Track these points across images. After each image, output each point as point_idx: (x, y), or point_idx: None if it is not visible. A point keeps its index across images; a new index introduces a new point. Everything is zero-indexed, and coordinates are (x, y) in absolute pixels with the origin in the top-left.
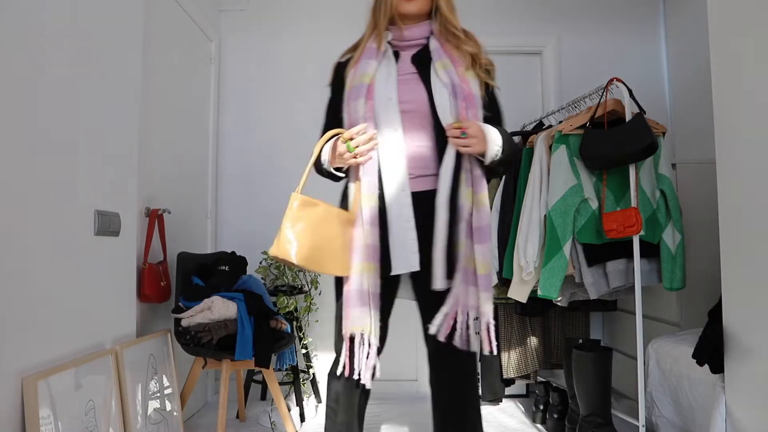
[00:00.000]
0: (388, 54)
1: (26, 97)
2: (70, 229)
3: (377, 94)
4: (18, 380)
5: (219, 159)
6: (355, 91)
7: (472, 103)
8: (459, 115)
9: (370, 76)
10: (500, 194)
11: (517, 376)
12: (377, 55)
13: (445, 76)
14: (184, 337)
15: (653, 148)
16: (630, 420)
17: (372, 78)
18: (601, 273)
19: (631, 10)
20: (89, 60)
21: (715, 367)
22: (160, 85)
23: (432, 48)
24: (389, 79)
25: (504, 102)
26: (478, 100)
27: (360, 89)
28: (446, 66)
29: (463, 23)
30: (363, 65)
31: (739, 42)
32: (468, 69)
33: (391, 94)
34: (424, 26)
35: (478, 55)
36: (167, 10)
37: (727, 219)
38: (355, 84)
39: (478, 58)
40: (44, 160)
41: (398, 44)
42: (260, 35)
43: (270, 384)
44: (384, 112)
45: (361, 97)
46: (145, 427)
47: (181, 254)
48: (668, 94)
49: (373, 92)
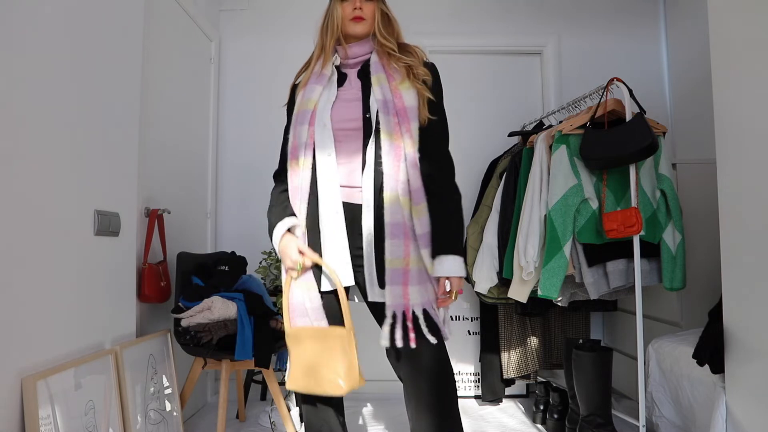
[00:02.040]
0: (332, 78)
1: (26, 97)
2: (70, 229)
3: (317, 119)
4: (18, 380)
5: (219, 159)
6: (300, 116)
7: (405, 117)
8: (392, 131)
9: (313, 102)
10: (500, 194)
11: (517, 376)
12: (322, 80)
13: (379, 92)
14: (183, 337)
15: (653, 148)
16: (630, 420)
17: (315, 104)
18: (602, 273)
19: (631, 10)
20: (89, 60)
21: (716, 367)
22: (160, 85)
23: (371, 62)
24: (326, 105)
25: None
26: (412, 113)
27: (305, 115)
28: (380, 81)
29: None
30: (309, 90)
31: (739, 42)
32: (403, 81)
33: (326, 120)
34: (366, 43)
35: (413, 66)
36: (167, 10)
37: (727, 219)
38: (301, 109)
39: (413, 70)
40: (44, 160)
41: (345, 62)
42: (260, 35)
43: (270, 384)
44: (320, 137)
45: (305, 123)
46: (144, 427)
47: (180, 254)
48: (668, 94)
49: (314, 118)
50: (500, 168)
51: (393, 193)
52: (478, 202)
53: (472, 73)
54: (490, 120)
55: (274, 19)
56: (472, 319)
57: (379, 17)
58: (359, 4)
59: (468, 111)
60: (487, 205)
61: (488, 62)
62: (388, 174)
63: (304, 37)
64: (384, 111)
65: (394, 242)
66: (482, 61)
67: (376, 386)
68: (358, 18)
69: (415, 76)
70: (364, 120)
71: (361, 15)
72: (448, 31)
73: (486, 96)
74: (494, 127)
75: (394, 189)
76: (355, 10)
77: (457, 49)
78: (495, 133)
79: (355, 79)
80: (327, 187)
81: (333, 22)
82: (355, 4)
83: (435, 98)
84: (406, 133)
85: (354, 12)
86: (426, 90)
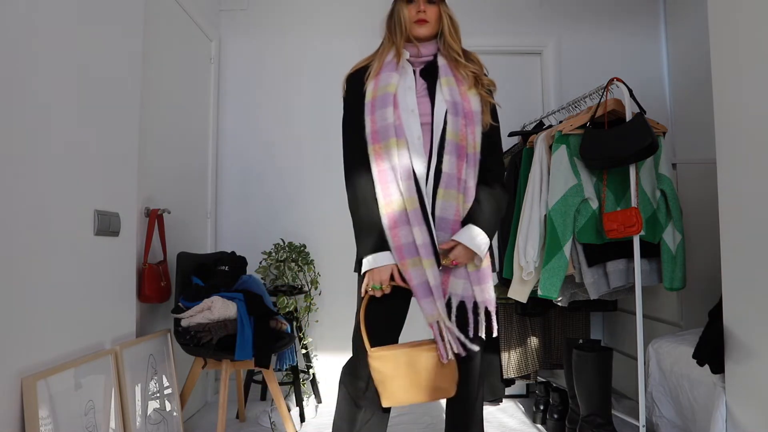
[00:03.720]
0: (407, 69)
1: (26, 97)
2: (70, 229)
3: (401, 104)
4: (18, 380)
5: (219, 159)
6: (380, 100)
7: (471, 120)
8: (459, 132)
9: (394, 86)
10: None
11: (517, 376)
12: (397, 69)
13: (448, 93)
14: (183, 337)
15: (653, 148)
16: (630, 420)
17: (395, 89)
18: (602, 273)
19: (631, 10)
20: (89, 60)
21: (716, 367)
22: (160, 85)
23: (440, 65)
24: (409, 92)
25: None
26: (478, 117)
27: (386, 98)
28: (450, 83)
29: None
30: (385, 77)
31: (739, 42)
32: (471, 88)
33: (412, 105)
34: (432, 45)
35: (479, 75)
36: (167, 10)
37: (727, 219)
38: (379, 94)
39: (480, 79)
40: (44, 160)
41: (412, 60)
42: (260, 35)
43: (270, 384)
44: (407, 122)
45: (389, 105)
46: (144, 427)
47: (181, 254)
48: (668, 94)
49: (398, 102)
50: None
51: (448, 190)
52: None
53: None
54: None
55: (274, 19)
56: None
57: (447, 21)
58: (423, 7)
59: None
60: None
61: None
62: (448, 172)
63: (304, 36)
64: (453, 112)
65: (441, 234)
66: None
67: None
68: (422, 21)
69: (482, 85)
70: (432, 116)
71: (424, 18)
72: None
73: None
74: None
75: (451, 186)
76: (419, 13)
77: None
78: None
79: (419, 78)
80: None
81: (400, 24)
82: (419, 7)
83: (498, 104)
84: (470, 135)
85: (418, 15)
86: (490, 97)
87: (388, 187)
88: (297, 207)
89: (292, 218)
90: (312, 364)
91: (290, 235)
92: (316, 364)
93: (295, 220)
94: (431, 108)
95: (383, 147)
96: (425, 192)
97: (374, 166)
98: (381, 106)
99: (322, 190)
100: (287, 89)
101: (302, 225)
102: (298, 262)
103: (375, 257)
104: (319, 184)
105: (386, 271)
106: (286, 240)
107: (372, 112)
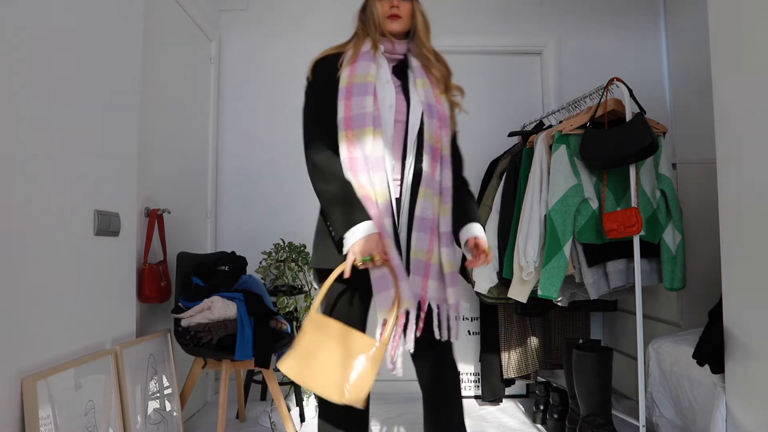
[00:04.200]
0: (383, 62)
1: (26, 97)
2: (69, 229)
3: (380, 96)
4: (18, 380)
5: (219, 159)
6: (358, 87)
7: (444, 123)
8: (434, 134)
9: (373, 76)
10: (500, 194)
11: (517, 376)
12: (374, 60)
13: (423, 95)
14: (183, 337)
15: (653, 148)
16: (630, 420)
17: (375, 79)
18: (602, 273)
19: (631, 10)
20: (89, 60)
21: (716, 367)
22: (160, 85)
23: (413, 65)
24: (387, 86)
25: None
26: (449, 122)
27: (366, 87)
28: (425, 85)
29: (464, 23)
30: (364, 65)
31: (739, 42)
32: (442, 92)
33: (391, 101)
34: (404, 43)
35: (449, 79)
36: (167, 10)
37: (727, 219)
38: (357, 81)
39: (449, 83)
40: (44, 160)
41: (386, 56)
42: (260, 35)
43: (270, 384)
44: (384, 116)
45: (368, 94)
46: (144, 427)
47: (181, 254)
48: (668, 94)
49: (377, 93)
50: (500, 168)
51: (428, 189)
52: (478, 202)
53: (472, 73)
54: (490, 120)
55: (274, 19)
56: (472, 319)
57: (420, 18)
58: (396, 2)
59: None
60: (487, 205)
61: (488, 62)
62: (426, 172)
63: (304, 36)
64: (428, 114)
65: (421, 235)
66: (482, 61)
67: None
68: (395, 16)
69: (449, 89)
70: (408, 115)
71: (398, 13)
72: (449, 31)
73: (486, 96)
74: (494, 127)
75: (429, 187)
76: (392, 8)
77: (457, 49)
78: (495, 133)
79: (392, 74)
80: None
81: (373, 18)
82: (392, 2)
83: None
84: (444, 138)
85: (391, 10)
86: (456, 104)
87: (358, 176)
88: (297, 207)
89: (292, 218)
90: None
91: (290, 235)
92: None
93: (295, 220)
94: (407, 107)
95: (356, 135)
96: (402, 193)
97: (344, 153)
98: (359, 94)
99: None
100: (287, 89)
101: (302, 225)
102: (298, 262)
103: (362, 226)
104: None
105: (376, 239)
106: (286, 240)
107: (347, 98)
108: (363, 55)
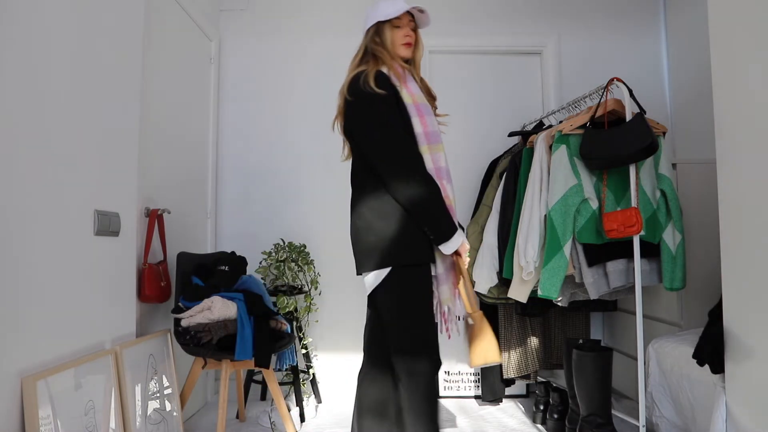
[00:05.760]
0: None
1: (26, 97)
2: (70, 229)
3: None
4: (18, 380)
5: (219, 159)
6: (424, 107)
7: None
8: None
9: (422, 98)
10: (500, 194)
11: (517, 376)
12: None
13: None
14: (183, 337)
15: (653, 148)
16: (630, 420)
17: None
18: (602, 273)
19: (631, 10)
20: (89, 60)
21: (716, 367)
22: (160, 85)
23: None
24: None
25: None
26: None
27: (428, 107)
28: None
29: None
30: (414, 87)
31: (739, 42)
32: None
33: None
34: None
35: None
36: (167, 10)
37: (727, 219)
38: (419, 101)
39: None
40: (44, 160)
41: None
42: (260, 35)
43: (270, 384)
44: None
45: (431, 114)
46: (144, 427)
47: (181, 254)
48: (668, 94)
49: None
50: (500, 168)
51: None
52: (478, 202)
53: (472, 73)
54: (490, 120)
55: (274, 19)
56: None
57: (421, 47)
58: (409, 32)
59: (468, 111)
60: (487, 205)
61: (488, 62)
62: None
63: (304, 36)
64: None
65: None
66: (482, 61)
67: None
68: (409, 44)
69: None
70: None
71: (411, 42)
72: (449, 32)
73: (486, 96)
74: (494, 127)
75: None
76: (406, 37)
77: (457, 49)
78: (495, 133)
79: None
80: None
81: (389, 46)
82: (407, 32)
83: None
84: None
85: (406, 38)
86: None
87: (444, 186)
88: (297, 207)
89: (292, 218)
90: (312, 364)
91: (290, 235)
92: (316, 364)
93: (295, 220)
94: None
95: (435, 149)
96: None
97: (429, 164)
98: (427, 113)
99: (322, 190)
100: (287, 89)
101: (302, 225)
102: (298, 262)
103: (460, 229)
104: (319, 184)
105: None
106: (286, 240)
107: (421, 115)
108: (407, 77)
